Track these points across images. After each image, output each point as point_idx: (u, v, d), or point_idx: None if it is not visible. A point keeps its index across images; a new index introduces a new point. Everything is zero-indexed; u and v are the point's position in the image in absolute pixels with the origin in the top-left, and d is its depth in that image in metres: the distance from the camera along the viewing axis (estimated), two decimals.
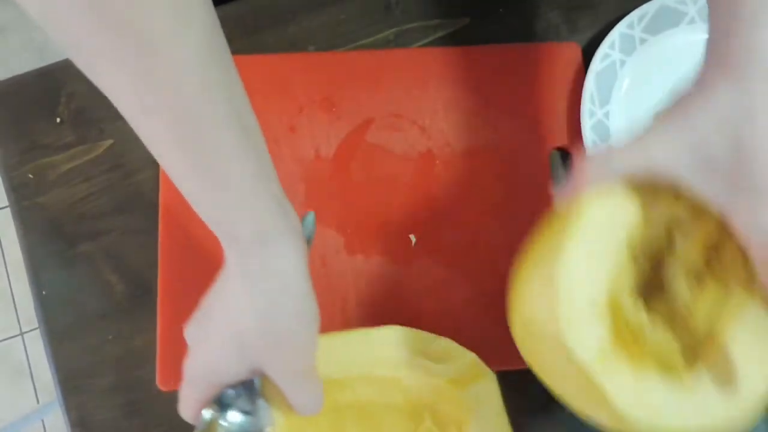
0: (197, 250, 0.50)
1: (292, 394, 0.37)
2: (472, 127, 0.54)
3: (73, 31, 0.28)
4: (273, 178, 0.35)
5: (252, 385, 0.38)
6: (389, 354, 0.43)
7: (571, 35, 0.57)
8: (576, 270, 0.34)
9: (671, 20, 0.56)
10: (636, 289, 0.37)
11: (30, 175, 0.52)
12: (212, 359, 0.36)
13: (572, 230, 0.34)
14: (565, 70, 0.55)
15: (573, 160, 0.54)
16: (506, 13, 0.57)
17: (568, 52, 0.55)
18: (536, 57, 0.55)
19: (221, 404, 0.37)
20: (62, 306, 0.50)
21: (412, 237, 0.52)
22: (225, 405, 0.38)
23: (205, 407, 0.37)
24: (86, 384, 0.49)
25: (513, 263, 0.52)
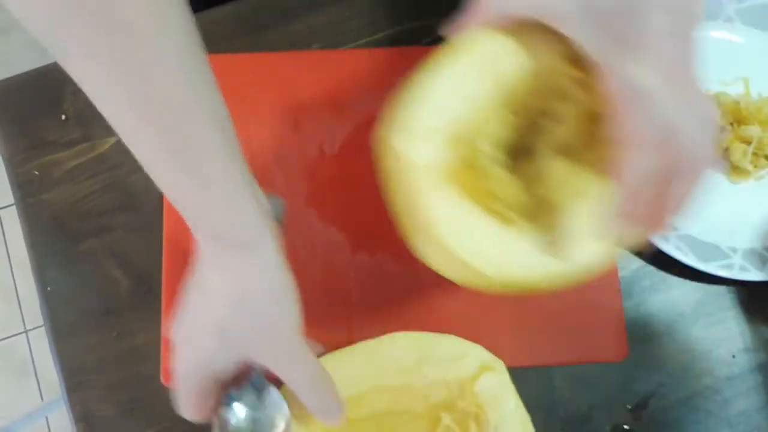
0: None
1: (289, 380, 0.37)
2: None
3: (52, 24, 0.27)
4: (245, 167, 0.35)
5: (254, 379, 0.38)
6: (395, 362, 0.43)
7: None
8: (433, 98, 0.35)
9: None
10: (508, 143, 0.39)
11: (35, 172, 0.52)
12: (198, 352, 0.37)
13: (445, 63, 0.35)
14: None
15: None
16: None
17: None
18: None
19: (227, 404, 0.38)
20: (66, 302, 0.50)
21: None
22: (230, 403, 0.38)
23: (213, 412, 0.38)
24: (90, 380, 0.49)
25: None
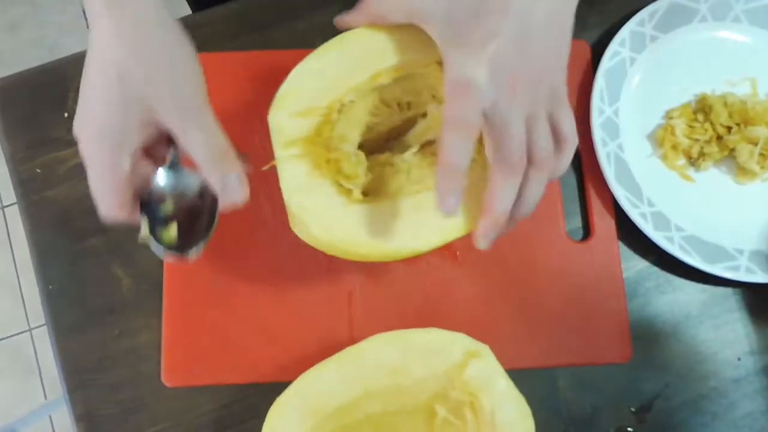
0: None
1: (185, 141, 0.37)
2: None
3: None
4: None
5: (172, 159, 0.39)
6: (381, 364, 0.44)
7: (580, 33, 0.56)
8: (298, 78, 0.41)
9: (683, 18, 0.55)
10: (379, 129, 0.44)
11: (38, 170, 0.52)
12: (99, 111, 0.36)
13: (327, 50, 0.41)
14: (574, 68, 0.55)
15: (581, 158, 0.53)
16: None
17: (577, 50, 0.55)
18: None
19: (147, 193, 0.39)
20: (69, 301, 0.50)
21: None
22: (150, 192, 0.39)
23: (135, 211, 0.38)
24: (92, 379, 0.49)
25: (517, 257, 0.51)
